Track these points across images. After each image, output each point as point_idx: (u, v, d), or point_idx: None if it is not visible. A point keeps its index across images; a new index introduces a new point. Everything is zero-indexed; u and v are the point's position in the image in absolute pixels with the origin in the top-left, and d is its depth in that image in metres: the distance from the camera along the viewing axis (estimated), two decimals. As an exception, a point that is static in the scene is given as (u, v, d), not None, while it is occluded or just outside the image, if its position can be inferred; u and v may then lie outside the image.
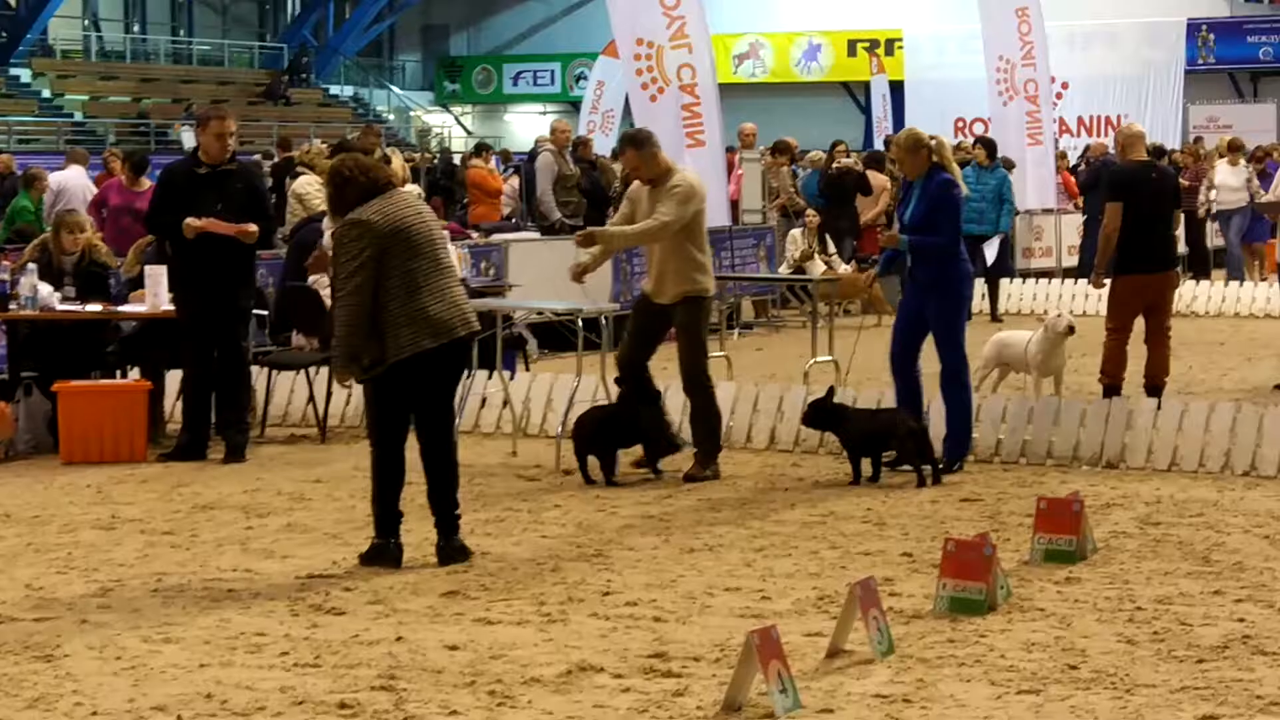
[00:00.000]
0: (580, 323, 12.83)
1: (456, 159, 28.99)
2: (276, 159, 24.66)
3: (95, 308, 13.32)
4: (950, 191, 11.98)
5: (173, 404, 13.62)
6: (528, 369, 15.54)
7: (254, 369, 13.81)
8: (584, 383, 12.87)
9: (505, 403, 13.56)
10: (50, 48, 53.79)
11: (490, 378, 13.50)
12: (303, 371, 13.82)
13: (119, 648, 7.57)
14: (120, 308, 13.46)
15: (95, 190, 20.69)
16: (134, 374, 13.70)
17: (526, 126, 57.50)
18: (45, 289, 13.23)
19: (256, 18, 61.68)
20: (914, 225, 12.00)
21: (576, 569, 9.12)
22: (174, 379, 13.65)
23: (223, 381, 12.70)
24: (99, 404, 12.57)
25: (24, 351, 13.35)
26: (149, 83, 52.71)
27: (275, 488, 11.54)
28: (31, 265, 13.35)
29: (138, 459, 12.48)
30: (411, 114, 60.55)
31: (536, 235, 20.07)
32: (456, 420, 10.11)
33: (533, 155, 23.32)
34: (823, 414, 11.84)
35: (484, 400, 13.76)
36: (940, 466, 11.69)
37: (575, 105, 46.48)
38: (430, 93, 63.49)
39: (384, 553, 9.22)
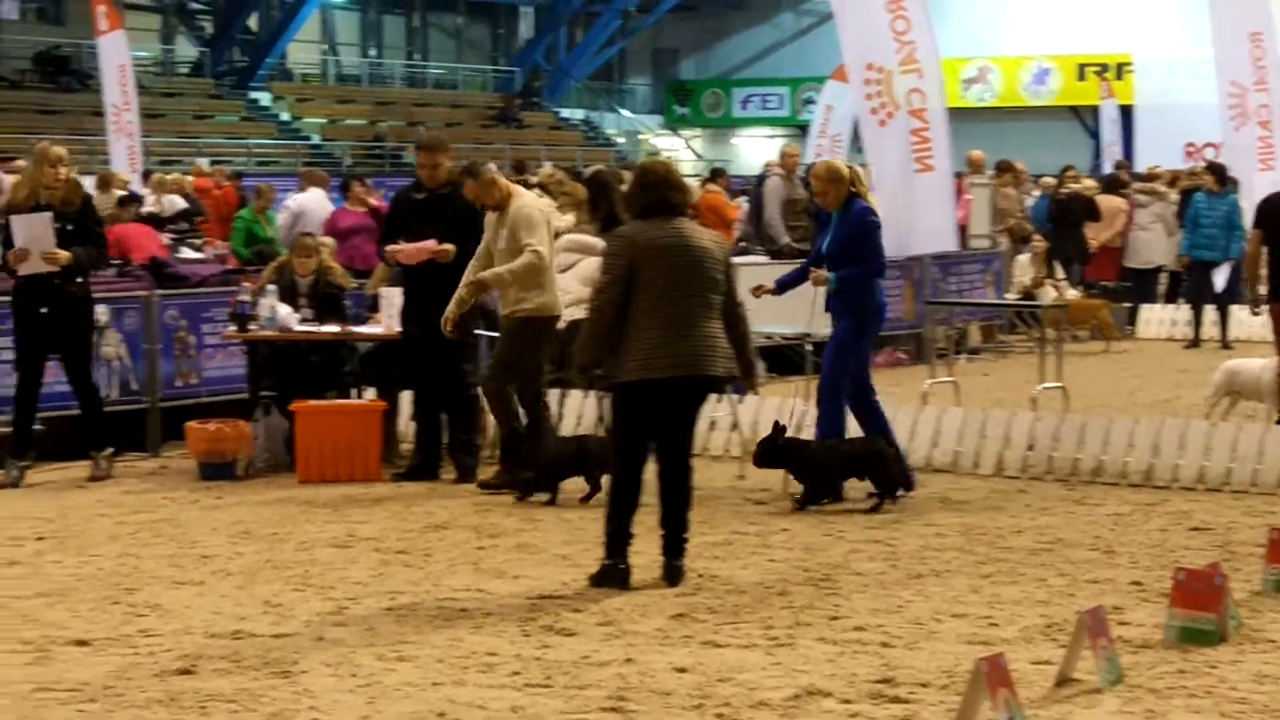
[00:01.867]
0: (808, 347, 12.82)
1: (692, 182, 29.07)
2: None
3: (332, 328, 13.59)
4: (868, 219, 12.05)
5: (406, 424, 13.84)
6: (755, 392, 15.55)
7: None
8: (812, 407, 12.86)
9: (734, 426, 13.60)
10: (289, 72, 54.97)
11: (719, 401, 13.55)
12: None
13: (354, 665, 7.71)
14: (356, 328, 13.72)
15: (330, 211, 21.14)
16: (369, 394, 13.95)
17: (754, 150, 57.55)
18: (284, 310, 13.52)
19: (490, 42, 62.46)
20: (833, 254, 12.03)
21: (804, 593, 9.13)
22: (408, 399, 13.87)
23: (450, 404, 12.90)
24: (335, 423, 12.81)
25: (263, 371, 13.67)
26: (384, 106, 53.58)
27: (506, 509, 11.68)
28: (271, 287, 13.65)
29: (372, 478, 12.71)
30: (641, 137, 60.90)
31: (765, 259, 20.07)
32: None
33: (761, 180, 23.34)
34: (773, 452, 11.67)
35: (712, 423, 13.80)
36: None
37: (803, 129, 46.40)
38: (660, 116, 63.83)
39: (613, 574, 9.29)
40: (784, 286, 12.41)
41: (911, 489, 12.05)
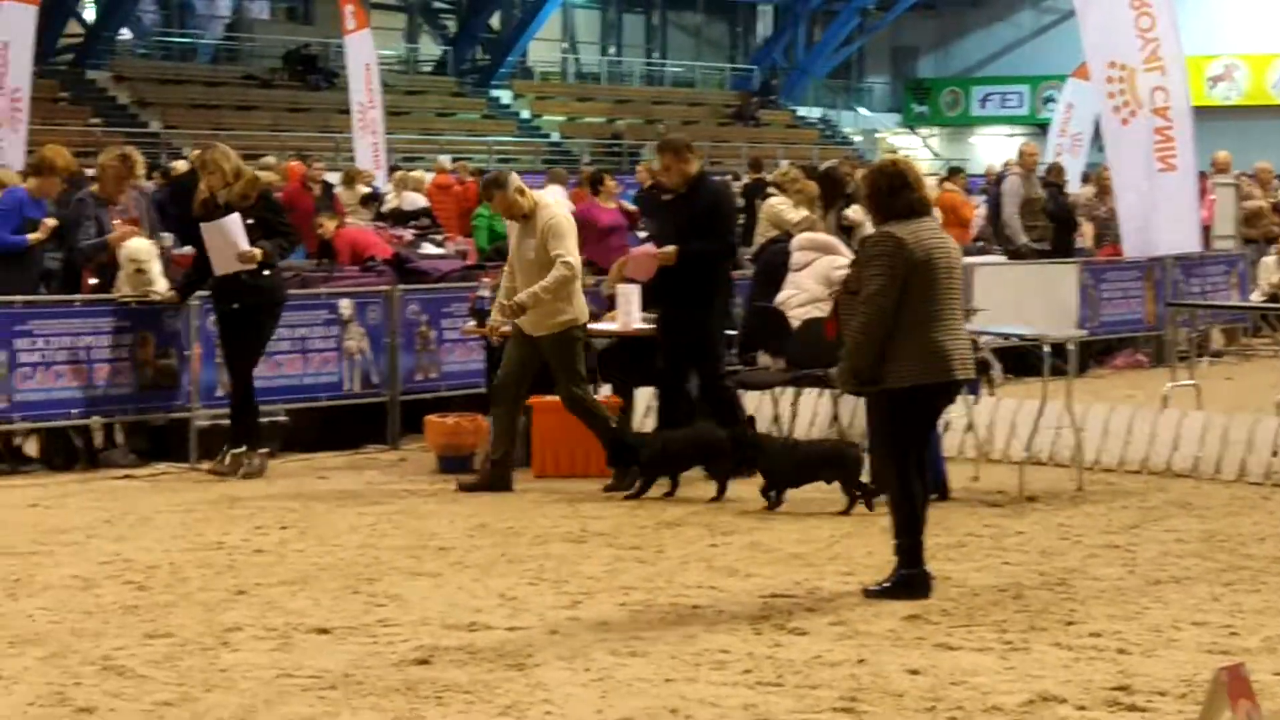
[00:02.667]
0: (1047, 348, 12.68)
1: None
2: (747, 180, 24.99)
3: (570, 325, 13.69)
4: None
5: (640, 420, 13.91)
6: (992, 393, 15.41)
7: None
8: (1049, 409, 12.72)
9: (969, 427, 13.48)
10: (530, 70, 55.55)
11: (953, 402, 13.42)
12: (769, 391, 13.97)
13: (588, 659, 7.77)
14: (593, 325, 13.81)
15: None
16: (605, 390, 14.04)
17: (993, 149, 57.04)
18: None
19: (729, 40, 62.58)
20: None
21: (1039, 597, 9.03)
22: (643, 396, 13.96)
23: (709, 403, 12.91)
24: (571, 419, 12.90)
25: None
26: (623, 104, 53.94)
27: (740, 506, 11.70)
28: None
29: (607, 474, 12.79)
30: (878, 136, 60.64)
31: (1003, 259, 19.89)
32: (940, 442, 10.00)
33: (999, 179, 23.13)
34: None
35: (947, 424, 13.68)
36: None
37: (1043, 128, 45.88)
38: (898, 114, 63.50)
39: (916, 582, 9.10)
40: None
41: (943, 495, 11.78)
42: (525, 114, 51.32)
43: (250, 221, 12.76)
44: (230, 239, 12.67)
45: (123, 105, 43.29)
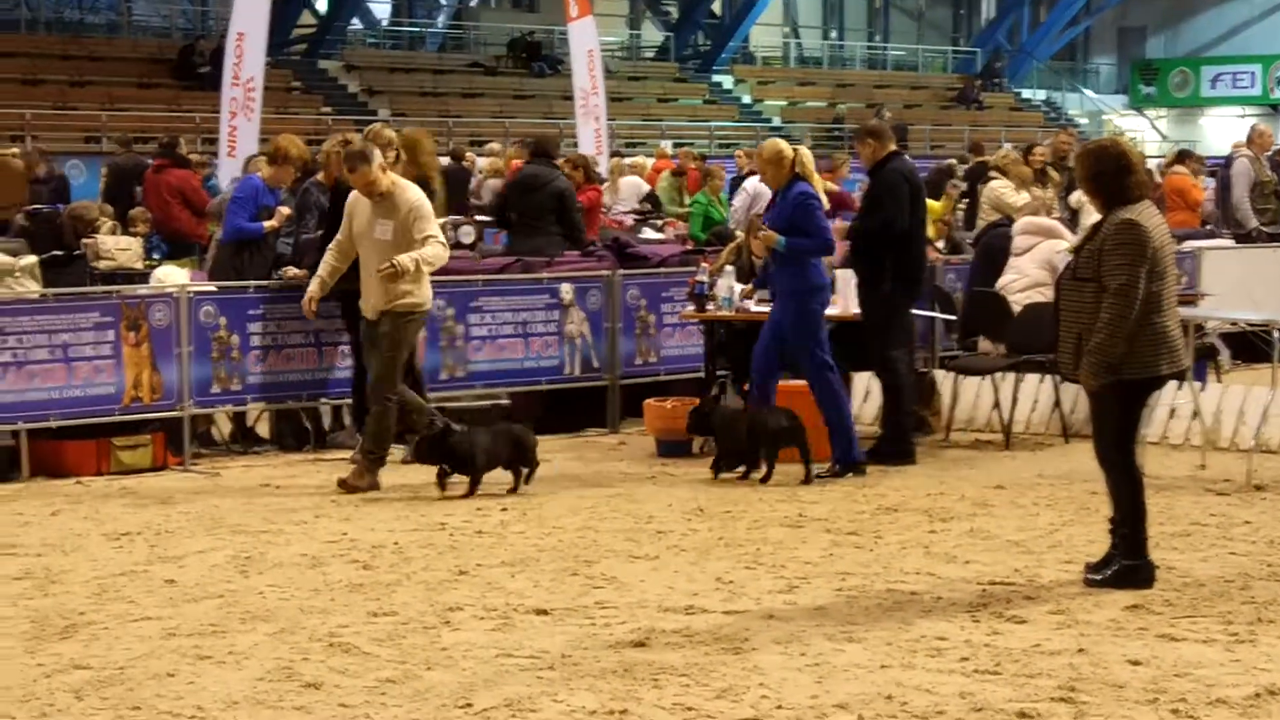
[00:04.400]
0: (1277, 334, 12.46)
1: (1151, 164, 28.44)
2: (970, 163, 24.77)
3: (788, 310, 13.70)
4: (809, 201, 12.22)
5: (859, 405, 13.88)
6: (1219, 380, 15.18)
7: (939, 373, 14.02)
8: (1278, 395, 12.49)
9: (1195, 414, 13.29)
10: (751, 55, 55.49)
11: (1180, 388, 13.24)
12: (989, 377, 13.88)
13: (804, 644, 7.79)
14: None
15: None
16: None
17: (1223, 131, 55.95)
18: (741, 290, 13.69)
19: (951, 22, 62.05)
20: (775, 230, 12.27)
21: (1267, 588, 8.88)
22: (860, 381, 13.94)
23: (883, 388, 12.93)
24: (791, 403, 12.91)
25: (720, 351, 13.87)
26: (844, 88, 53.68)
27: (959, 492, 11.64)
28: (729, 267, 13.84)
29: (824, 458, 12.77)
30: (1104, 118, 59.77)
31: (1231, 243, 19.55)
32: (1143, 430, 9.86)
33: (1229, 161, 22.71)
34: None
35: (1173, 411, 13.51)
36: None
37: (1275, 108, 44.98)
38: (1124, 96, 62.53)
39: (1140, 573, 8.99)
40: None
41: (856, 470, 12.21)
42: (746, 99, 51.25)
43: None
44: None
45: (352, 94, 43.94)
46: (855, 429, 12.53)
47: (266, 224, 13.65)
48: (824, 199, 12.53)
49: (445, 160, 25.15)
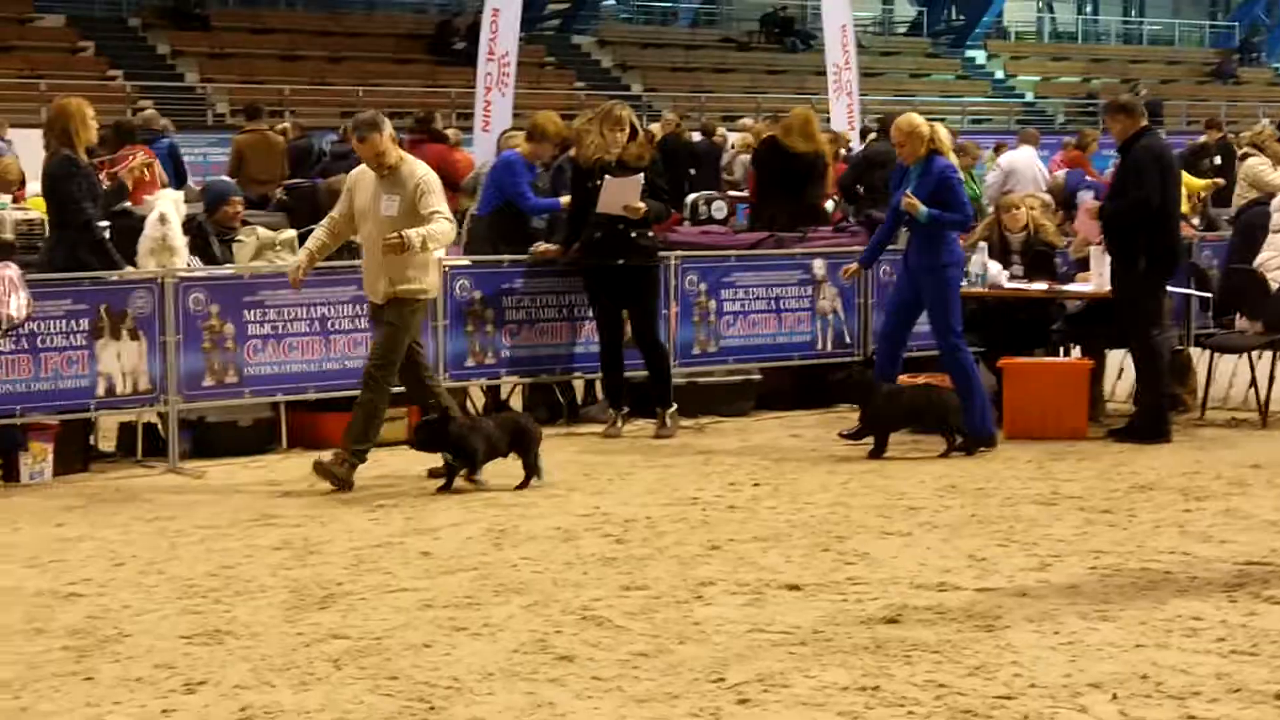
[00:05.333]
0: None
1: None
2: (1211, 139, 24.35)
3: (1041, 286, 13.56)
4: (951, 175, 12.38)
5: (1113, 383, 13.70)
6: None
7: (1194, 351, 13.78)
8: None
9: None
10: (1005, 30, 54.88)
11: None
12: (1245, 355, 13.61)
13: (1057, 622, 7.71)
14: (1065, 287, 13.65)
15: (1045, 172, 21.07)
16: (1075, 352, 13.88)
17: None
18: (995, 267, 13.58)
19: (1209, -4, 60.82)
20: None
21: None
22: (1114, 358, 13.75)
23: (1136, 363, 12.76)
24: (1042, 381, 12.80)
25: (971, 327, 13.74)
26: (1098, 63, 52.91)
27: (1214, 471, 11.43)
28: (982, 244, 13.72)
29: (1079, 436, 12.63)
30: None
31: None
32: None
33: None
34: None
35: None
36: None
37: None
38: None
39: None
40: (870, 261, 13.27)
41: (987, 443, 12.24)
42: (999, 74, 50.73)
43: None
44: (627, 193, 12.84)
45: (606, 69, 44.26)
46: (988, 402, 12.51)
47: (564, 200, 13.66)
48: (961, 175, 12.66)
49: (696, 136, 25.23)
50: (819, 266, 14.47)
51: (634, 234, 12.89)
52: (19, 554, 9.29)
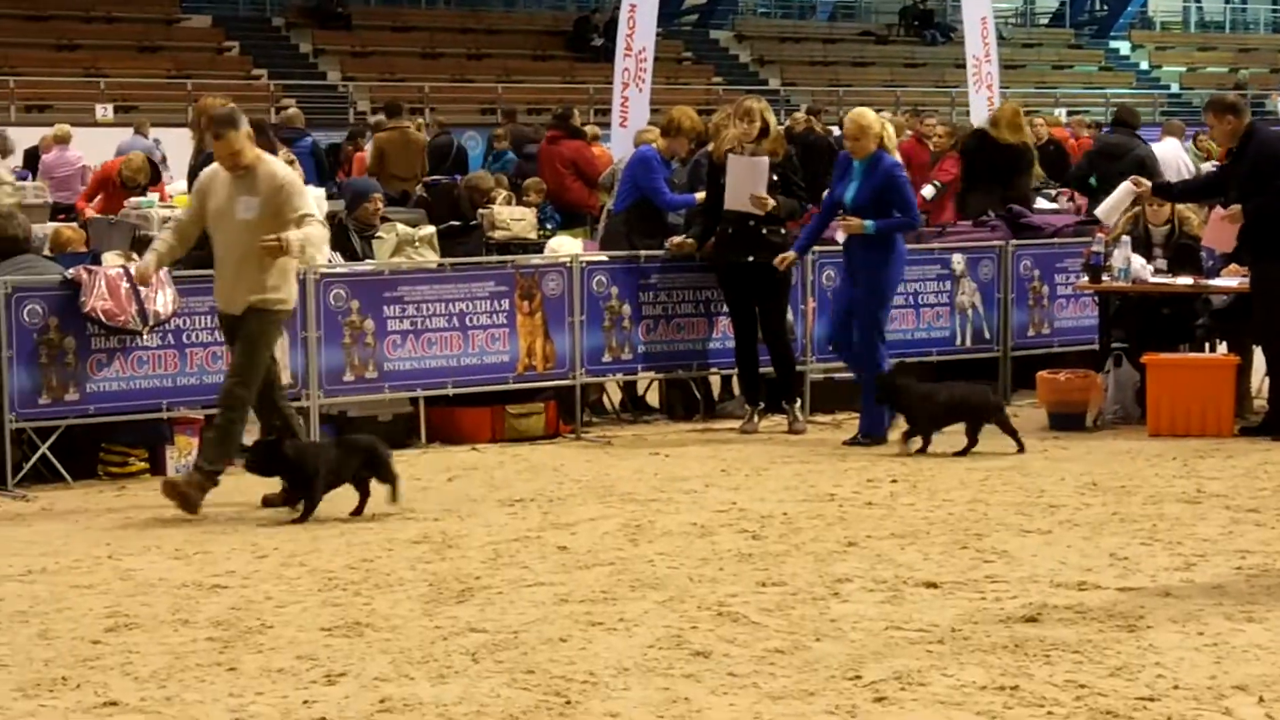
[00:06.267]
0: None
1: None
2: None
3: (1185, 281, 13.39)
4: (899, 174, 12.46)
5: (1260, 380, 13.50)
6: None
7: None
8: None
9: None
10: (1149, 19, 54.27)
11: None
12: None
13: (1201, 623, 7.60)
14: (1210, 281, 13.46)
15: (1189, 164, 20.81)
16: (1222, 348, 13.70)
17: None
18: (1138, 261, 13.42)
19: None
20: (860, 206, 12.32)
21: None
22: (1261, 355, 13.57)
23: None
24: (1187, 377, 12.64)
25: (1115, 323, 13.62)
26: (1247, 53, 52.19)
27: (1365, 470, 11.27)
28: (1125, 238, 13.56)
29: (1224, 433, 12.47)
30: None
31: None
32: None
33: None
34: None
35: None
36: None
37: None
38: None
39: None
40: (805, 248, 12.95)
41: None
42: (1144, 65, 50.17)
43: (774, 178, 12.85)
44: (753, 178, 12.78)
45: (744, 64, 44.21)
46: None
47: (699, 196, 13.64)
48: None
49: (836, 130, 25.12)
50: (958, 261, 14.37)
51: (765, 230, 12.85)
52: (166, 546, 9.42)
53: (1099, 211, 13.78)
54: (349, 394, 12.28)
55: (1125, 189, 13.26)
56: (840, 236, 12.64)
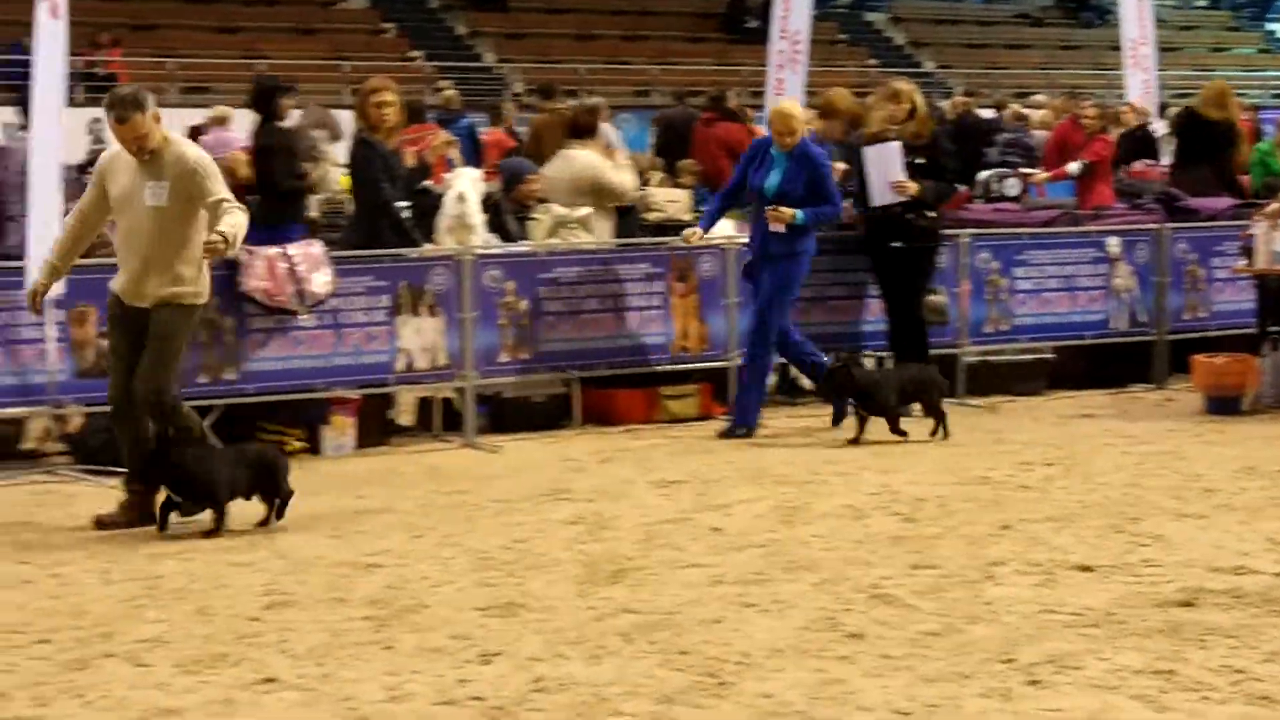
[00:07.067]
0: None
1: None
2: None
3: (1347, 264, 13.22)
4: (825, 163, 12.34)
5: None
6: None
7: None
8: None
9: None
10: (1310, 0, 53.38)
11: None
12: None
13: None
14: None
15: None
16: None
17: None
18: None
19: None
20: (785, 193, 12.09)
21: None
22: None
23: None
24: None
25: (1273, 306, 13.43)
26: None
27: None
28: (1282, 222, 13.41)
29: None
30: None
31: None
32: None
33: None
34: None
35: None
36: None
37: None
38: None
39: None
40: (708, 228, 12.61)
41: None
42: (1305, 45, 49.42)
43: (920, 160, 12.74)
44: (889, 165, 12.71)
45: (898, 46, 43.98)
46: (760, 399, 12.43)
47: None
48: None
49: (988, 113, 24.95)
50: (1114, 244, 14.26)
51: (910, 215, 12.77)
52: (322, 525, 9.55)
53: None
54: (504, 375, 12.38)
55: None
56: (777, 228, 12.27)
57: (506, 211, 13.70)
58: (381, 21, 39.31)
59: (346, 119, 18.41)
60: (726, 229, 13.88)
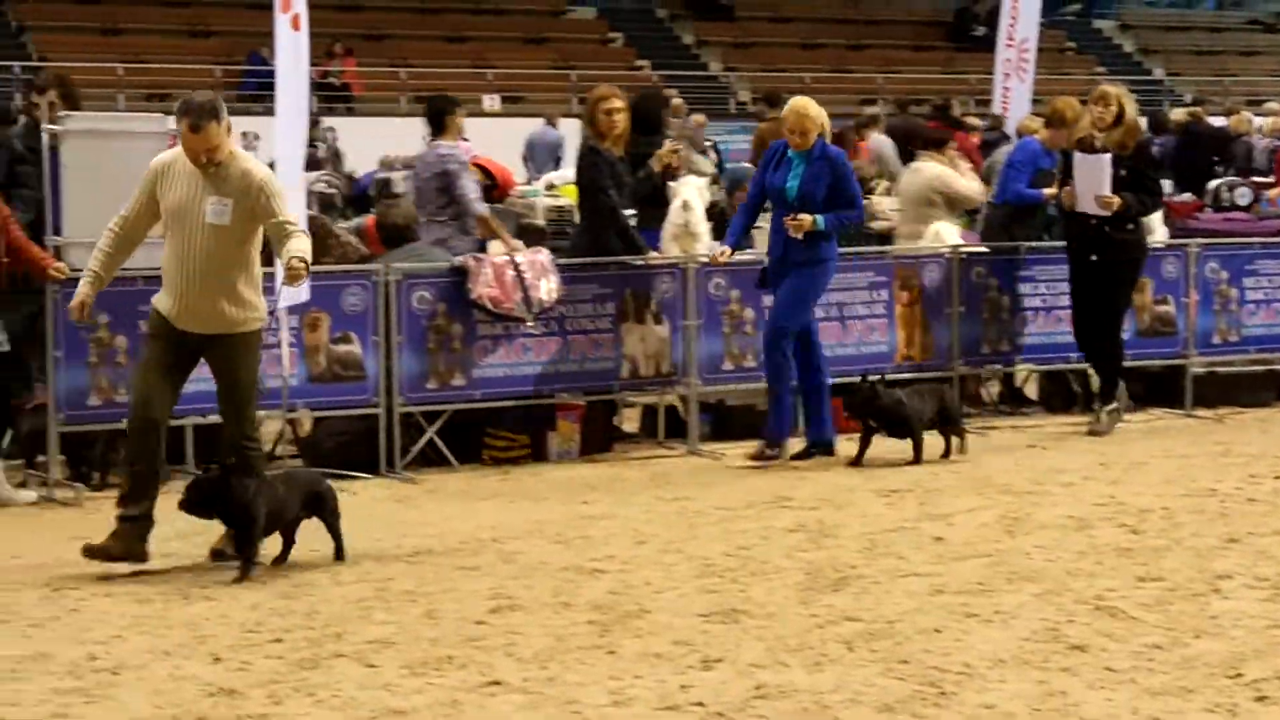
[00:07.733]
0: None
1: None
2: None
3: None
4: (849, 166, 11.86)
5: None
6: None
7: None
8: None
9: None
10: None
11: None
12: None
13: None
14: None
15: None
16: None
17: None
18: None
19: None
20: (809, 199, 11.53)
21: None
22: None
23: None
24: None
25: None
26: None
27: None
28: None
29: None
30: None
31: None
32: None
33: None
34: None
35: None
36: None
37: None
38: None
39: None
40: (737, 244, 11.95)
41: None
42: None
43: (1122, 172, 12.51)
44: (1097, 178, 12.49)
45: (1127, 53, 43.41)
46: (790, 410, 11.93)
47: (1047, 192, 13.46)
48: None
49: (1220, 120, 24.58)
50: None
51: (1108, 228, 12.57)
52: (548, 530, 9.67)
53: None
54: (728, 383, 12.44)
55: None
56: (796, 235, 11.90)
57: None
58: (609, 31, 39.62)
59: (572, 127, 18.66)
60: (951, 236, 13.80)
